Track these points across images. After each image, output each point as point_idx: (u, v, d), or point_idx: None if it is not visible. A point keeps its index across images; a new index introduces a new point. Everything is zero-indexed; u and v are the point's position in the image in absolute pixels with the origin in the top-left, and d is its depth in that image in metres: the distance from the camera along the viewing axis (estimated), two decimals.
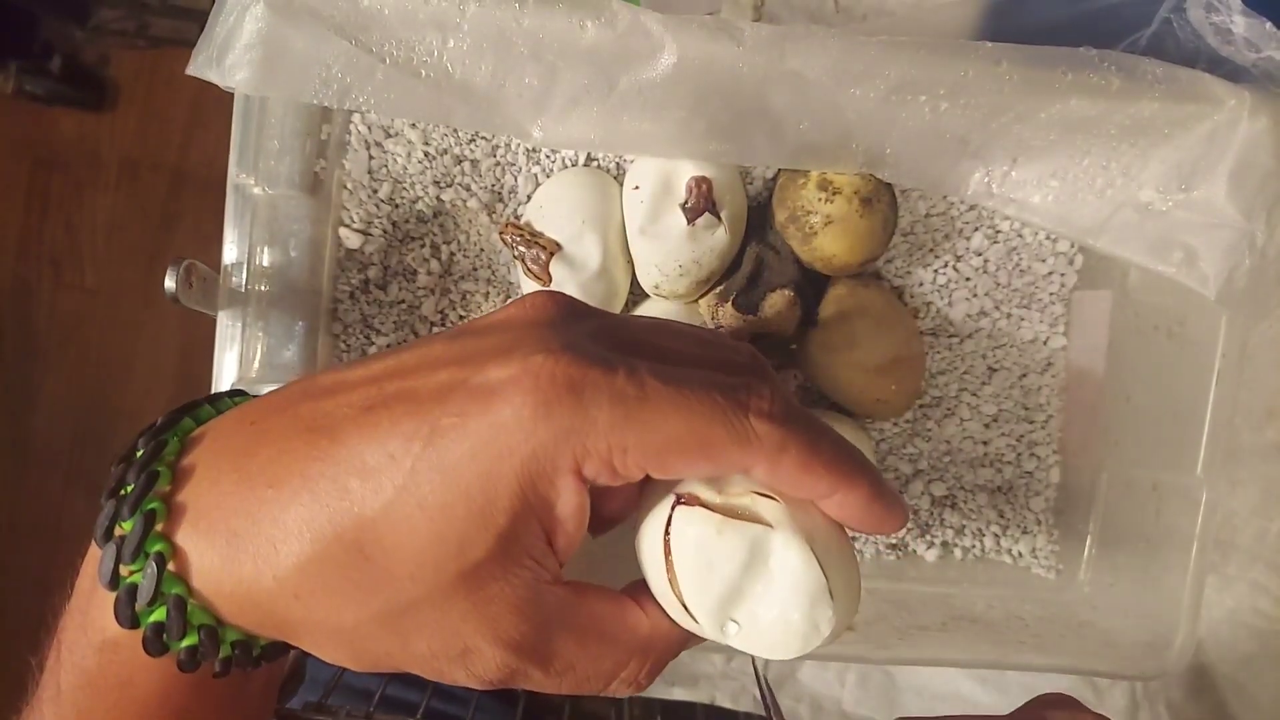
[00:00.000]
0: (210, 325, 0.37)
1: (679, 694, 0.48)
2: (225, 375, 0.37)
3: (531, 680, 0.23)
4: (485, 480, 0.20)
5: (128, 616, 0.22)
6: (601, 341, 0.22)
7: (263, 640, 0.24)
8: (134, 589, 0.22)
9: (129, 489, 0.22)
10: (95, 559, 0.23)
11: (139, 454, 0.23)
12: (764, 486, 0.23)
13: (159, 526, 0.22)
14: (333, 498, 0.20)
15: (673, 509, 0.23)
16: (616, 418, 0.20)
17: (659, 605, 0.24)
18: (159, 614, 0.22)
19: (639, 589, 0.25)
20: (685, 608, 0.23)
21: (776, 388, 0.23)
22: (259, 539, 0.21)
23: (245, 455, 0.22)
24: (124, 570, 0.22)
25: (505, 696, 0.51)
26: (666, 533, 0.23)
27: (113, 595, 0.22)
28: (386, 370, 0.22)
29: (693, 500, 0.23)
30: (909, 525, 0.45)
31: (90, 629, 0.23)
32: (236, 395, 0.27)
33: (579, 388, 0.20)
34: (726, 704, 0.48)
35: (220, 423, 0.24)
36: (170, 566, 0.22)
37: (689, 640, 0.25)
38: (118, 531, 0.22)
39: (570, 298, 0.24)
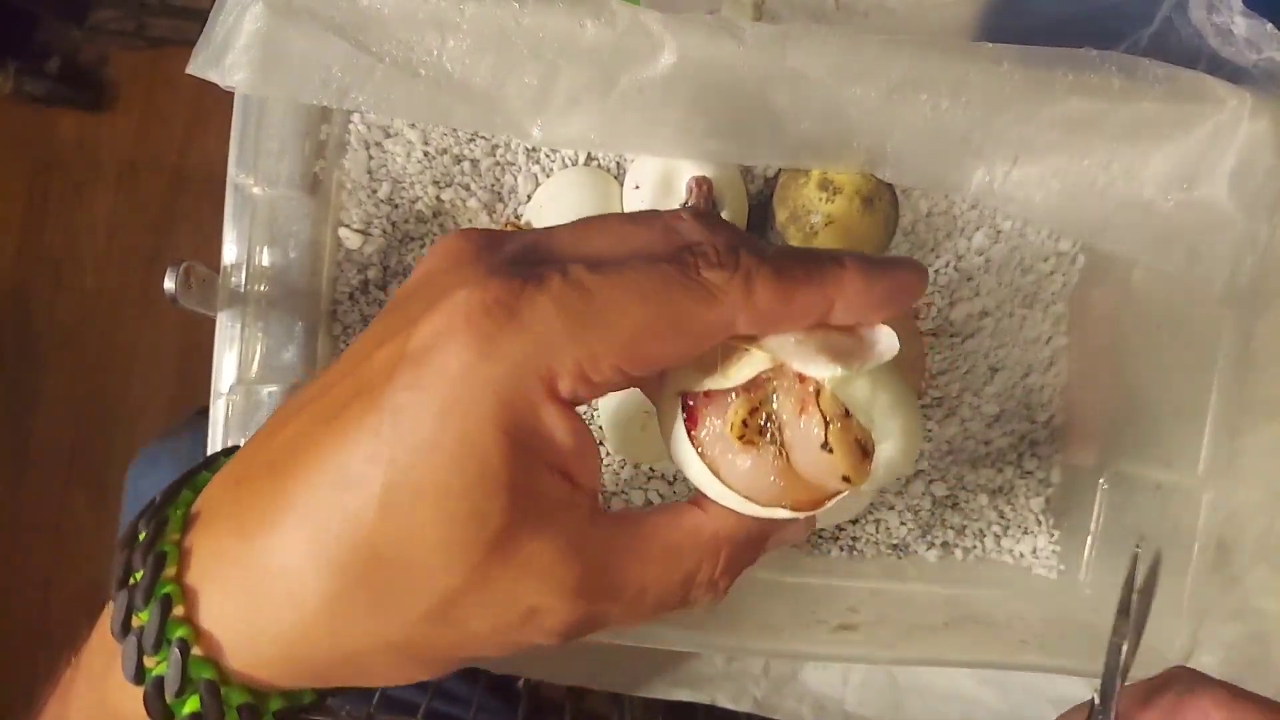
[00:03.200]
0: (210, 326, 0.37)
1: (681, 696, 0.48)
2: (224, 376, 0.37)
3: (611, 617, 0.22)
4: (466, 443, 0.19)
5: (160, 711, 0.20)
6: (527, 259, 0.20)
7: (307, 698, 0.23)
8: (161, 681, 0.20)
9: (138, 576, 0.21)
10: (102, 644, 0.22)
11: (141, 536, 0.22)
12: (763, 341, 0.22)
13: (177, 611, 0.20)
14: (332, 523, 0.19)
15: (683, 412, 0.22)
16: (568, 325, 0.19)
17: (718, 504, 0.23)
18: (192, 704, 0.20)
19: (698, 495, 0.23)
20: (745, 497, 0.22)
21: (722, 235, 0.21)
22: (277, 594, 0.20)
23: (239, 515, 0.21)
24: (148, 661, 0.20)
25: (506, 696, 0.51)
26: (690, 435, 0.22)
27: (140, 689, 0.20)
28: (335, 373, 0.21)
29: (698, 396, 0.22)
30: (909, 525, 0.45)
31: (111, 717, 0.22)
32: (231, 451, 0.26)
33: (514, 309, 0.19)
34: (728, 705, 0.48)
35: (210, 490, 0.22)
36: (196, 650, 0.20)
37: (767, 527, 0.23)
38: (135, 622, 0.21)
39: (485, 230, 0.22)
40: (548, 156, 0.42)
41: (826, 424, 0.21)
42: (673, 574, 0.22)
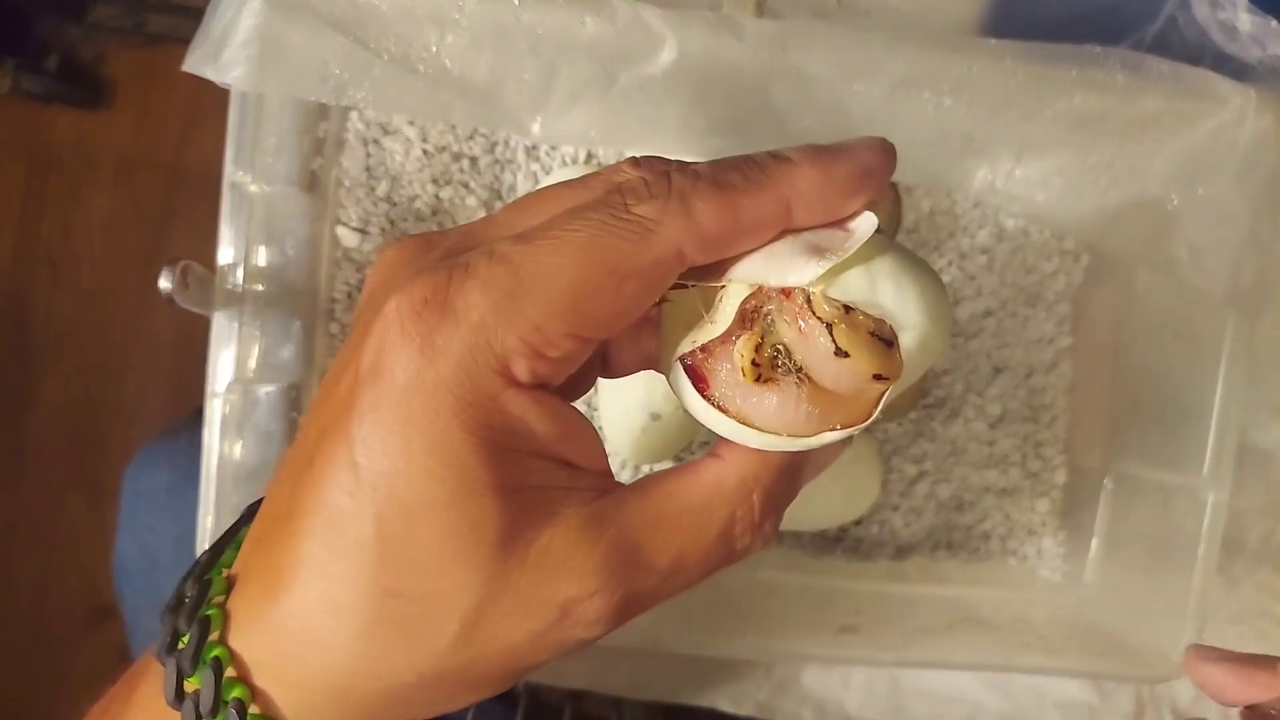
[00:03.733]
0: (208, 325, 0.37)
1: (682, 699, 0.47)
2: (221, 375, 0.37)
3: (656, 593, 0.20)
4: (438, 452, 0.18)
5: None
6: (459, 250, 0.19)
7: None
8: None
9: (185, 640, 0.20)
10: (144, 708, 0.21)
11: (186, 600, 0.21)
12: (731, 270, 0.20)
13: (230, 673, 0.20)
14: (336, 571, 0.19)
15: (688, 376, 0.21)
16: (501, 304, 0.18)
17: (738, 446, 0.21)
18: None
19: (717, 443, 0.22)
20: (791, 435, 0.20)
21: (651, 166, 0.20)
22: (312, 649, 0.19)
23: (265, 576, 0.20)
24: None
25: (505, 699, 0.51)
26: (706, 397, 0.20)
27: None
28: (312, 409, 0.20)
29: (695, 355, 0.20)
30: (913, 527, 0.44)
31: None
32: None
33: (444, 304, 0.18)
34: (728, 708, 0.48)
35: (243, 550, 0.22)
36: (254, 709, 0.20)
37: (797, 457, 0.22)
38: (188, 687, 0.20)
39: (421, 234, 0.21)
40: (547, 154, 0.41)
41: (830, 329, 0.19)
42: (707, 531, 0.21)
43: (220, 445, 0.37)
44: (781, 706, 0.47)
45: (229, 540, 0.23)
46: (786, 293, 0.20)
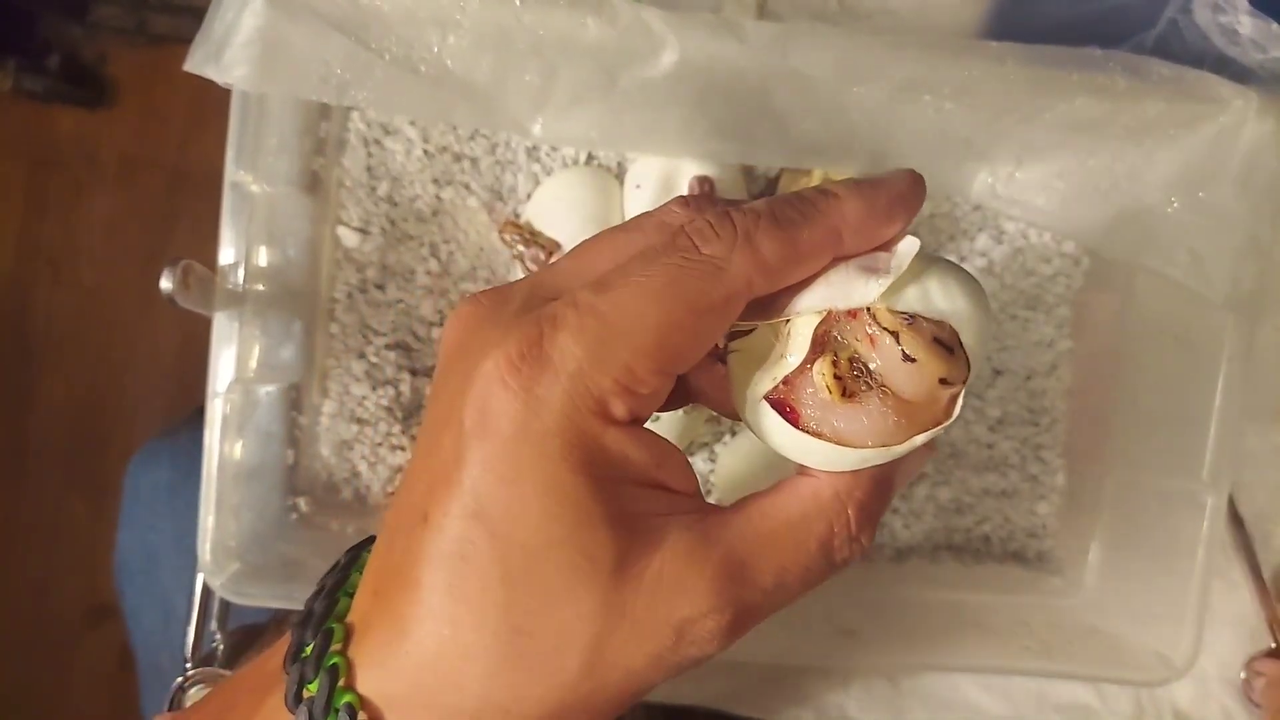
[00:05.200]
0: (209, 324, 0.37)
1: (681, 700, 0.47)
2: (222, 375, 0.37)
3: (763, 608, 0.21)
4: (551, 492, 0.19)
5: None
6: (535, 302, 0.21)
7: None
8: None
9: (313, 687, 0.21)
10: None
11: (309, 649, 0.22)
12: (793, 305, 0.21)
13: (362, 717, 0.21)
14: (462, 610, 0.20)
15: (778, 412, 0.22)
16: (593, 352, 0.19)
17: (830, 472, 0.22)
18: None
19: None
20: (883, 447, 0.21)
21: (706, 206, 0.21)
22: (442, 692, 0.20)
23: (387, 625, 0.21)
24: None
25: None
26: (801, 428, 0.21)
27: None
28: (412, 468, 0.22)
29: (779, 389, 0.22)
30: (913, 530, 0.44)
31: None
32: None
33: (539, 357, 0.19)
34: (728, 710, 0.48)
35: (357, 600, 0.23)
36: None
37: (888, 468, 0.23)
38: (305, 694, 0.21)
39: (489, 290, 0.23)
40: (548, 155, 0.41)
41: (896, 336, 0.21)
42: (808, 545, 0.22)
43: (221, 445, 0.37)
44: (781, 709, 0.47)
45: (354, 563, 0.24)
46: (853, 314, 0.21)
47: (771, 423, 0.22)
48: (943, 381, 0.21)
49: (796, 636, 0.39)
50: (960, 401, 0.22)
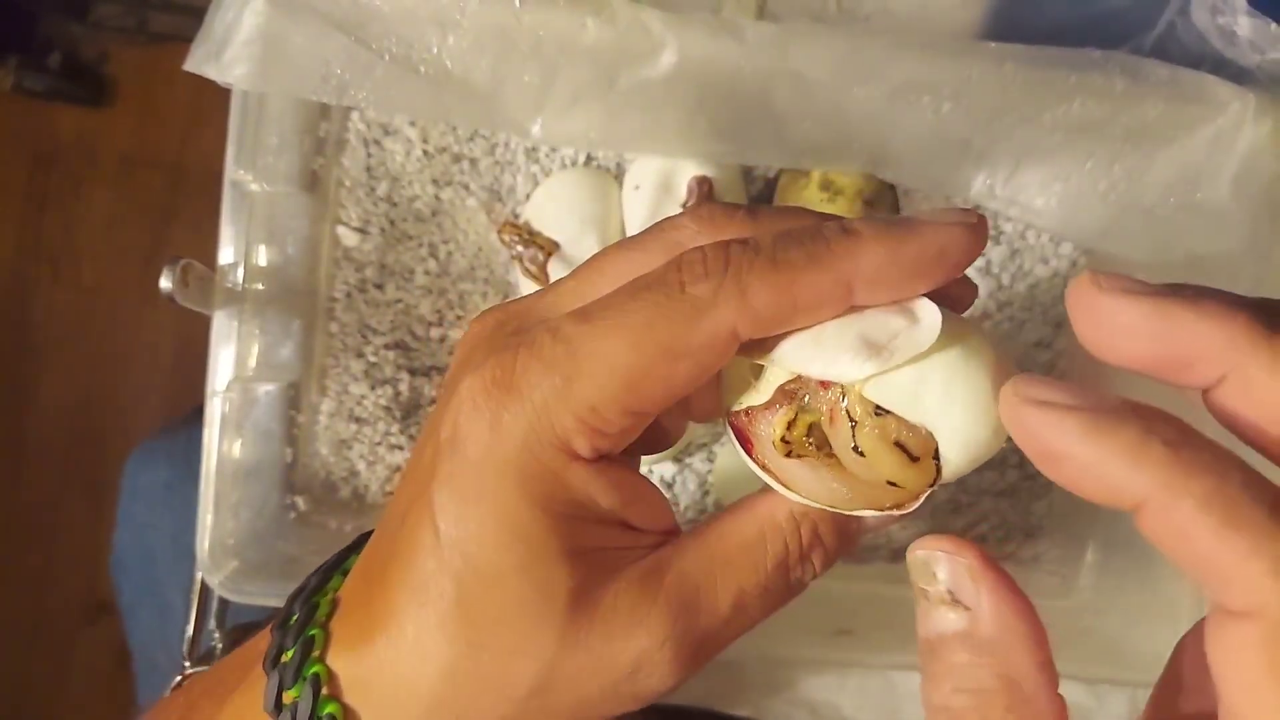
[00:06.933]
0: (208, 323, 0.37)
1: (676, 700, 0.48)
2: (221, 374, 0.37)
3: (723, 635, 0.21)
4: (506, 525, 0.19)
5: None
6: (528, 324, 0.20)
7: None
8: None
9: (289, 655, 0.21)
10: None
11: (293, 619, 0.22)
12: (773, 353, 0.19)
13: (325, 690, 0.21)
14: (425, 615, 0.20)
15: (733, 434, 0.21)
16: (557, 386, 0.18)
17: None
18: None
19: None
20: (828, 505, 0.20)
21: (709, 226, 0.20)
22: (402, 690, 0.20)
23: (363, 617, 0.21)
24: None
25: None
26: (751, 455, 0.21)
27: None
28: (407, 469, 0.22)
29: (740, 416, 0.21)
30: (909, 529, 0.44)
31: None
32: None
33: (509, 383, 0.19)
34: (723, 710, 0.48)
35: (349, 582, 0.23)
36: None
37: (841, 517, 0.22)
38: (287, 699, 0.21)
39: (502, 306, 0.22)
40: (547, 156, 0.41)
41: (854, 428, 0.19)
42: (763, 566, 0.21)
43: (220, 443, 0.37)
44: (777, 709, 0.47)
45: (337, 567, 0.24)
46: (824, 384, 0.19)
47: (733, 441, 0.22)
48: (891, 484, 0.19)
49: (792, 635, 0.39)
50: (921, 500, 0.19)
